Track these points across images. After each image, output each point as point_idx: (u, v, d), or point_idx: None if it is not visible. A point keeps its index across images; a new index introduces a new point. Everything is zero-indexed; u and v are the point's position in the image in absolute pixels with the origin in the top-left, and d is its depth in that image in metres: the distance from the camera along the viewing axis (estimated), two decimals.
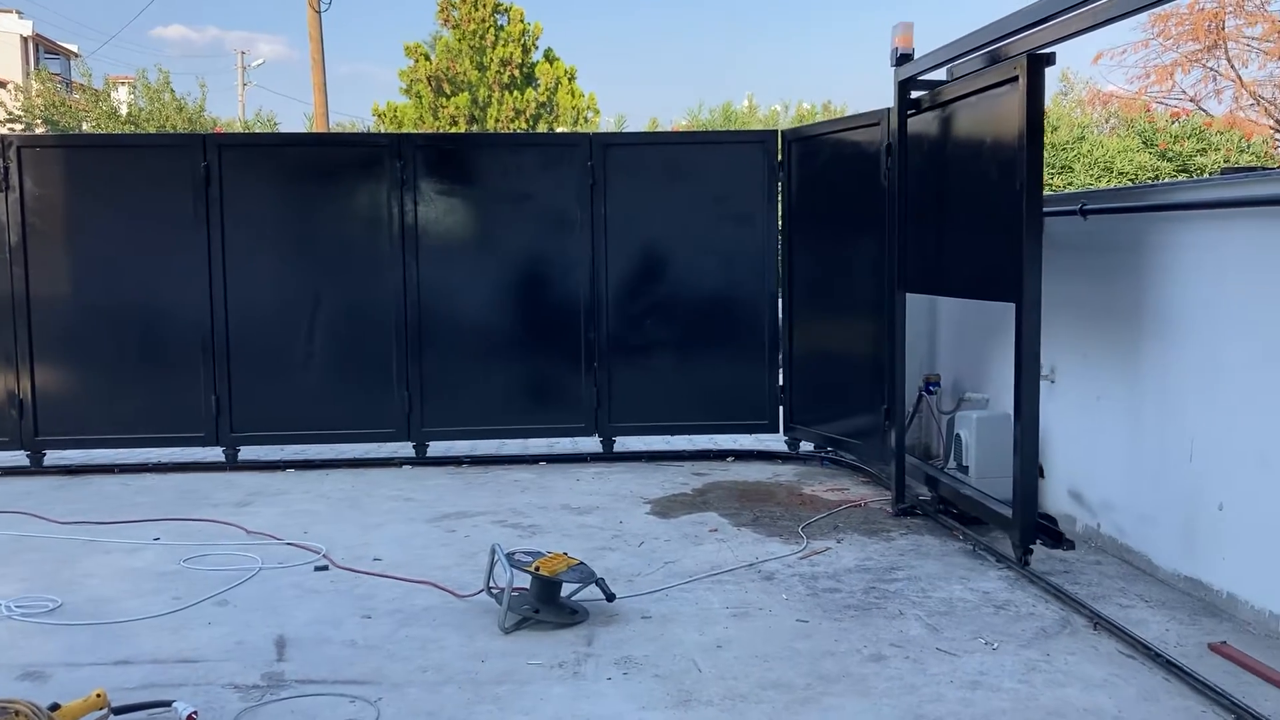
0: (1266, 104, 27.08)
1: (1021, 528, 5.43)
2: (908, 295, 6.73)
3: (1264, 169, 5.77)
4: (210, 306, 8.07)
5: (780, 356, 8.31)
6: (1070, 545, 5.69)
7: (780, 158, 8.18)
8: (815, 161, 7.92)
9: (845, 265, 7.62)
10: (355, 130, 34.33)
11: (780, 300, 8.27)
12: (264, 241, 8.19)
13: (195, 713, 3.75)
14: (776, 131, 8.26)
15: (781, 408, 8.36)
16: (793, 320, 8.23)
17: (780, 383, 8.36)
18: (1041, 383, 6.34)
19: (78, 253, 8.09)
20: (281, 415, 8.23)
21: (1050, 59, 5.16)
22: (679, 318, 8.33)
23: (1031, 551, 5.45)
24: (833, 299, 7.86)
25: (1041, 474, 6.49)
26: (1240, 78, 27.19)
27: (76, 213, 8.08)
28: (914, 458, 7.13)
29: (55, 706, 3.62)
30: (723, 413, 8.38)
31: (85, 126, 33.91)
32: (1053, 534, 5.66)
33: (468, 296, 8.30)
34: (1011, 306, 5.40)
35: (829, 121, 7.91)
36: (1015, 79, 5.22)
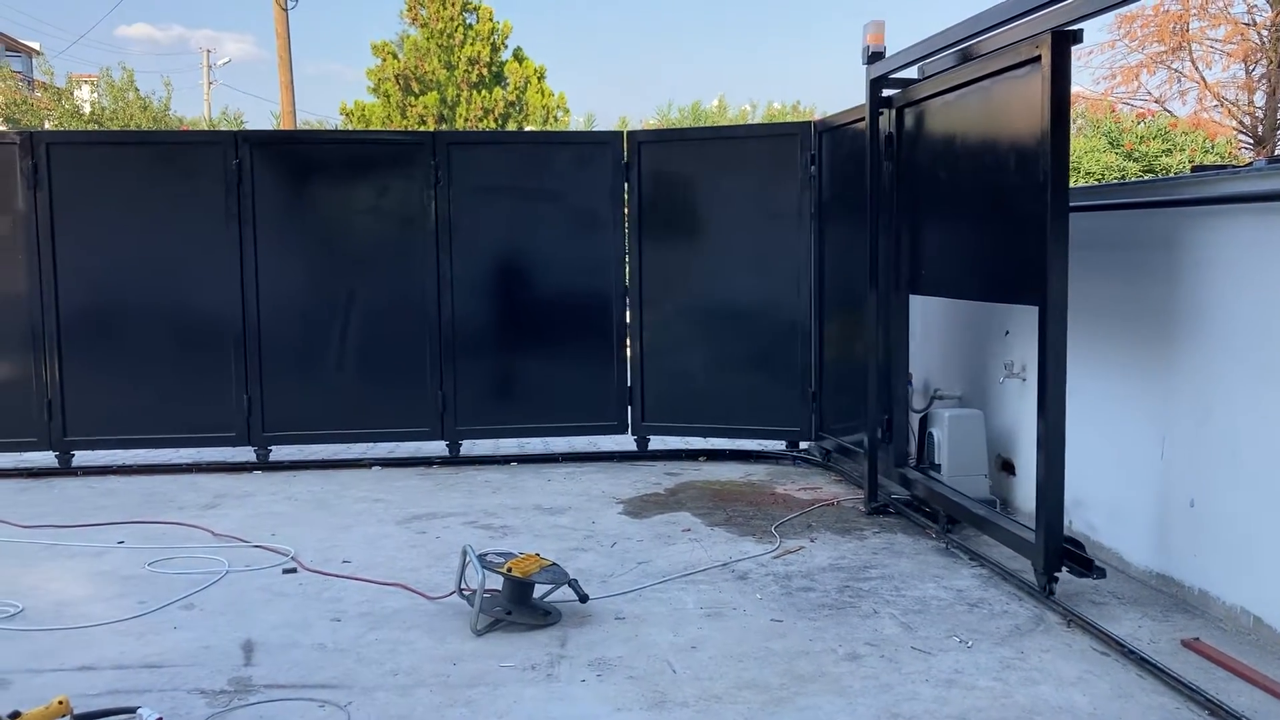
0: (1230, 105, 27.42)
1: (1046, 553, 4.88)
2: (879, 294, 6.72)
3: (1233, 167, 5.75)
4: (242, 305, 7.98)
5: (813, 360, 7.95)
6: (1101, 573, 4.86)
7: (813, 151, 7.81)
8: (841, 154, 7.56)
9: (859, 264, 7.17)
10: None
11: (813, 301, 7.92)
12: (296, 239, 8.13)
13: (161, 719, 3.67)
14: (810, 123, 7.96)
15: (814, 415, 8.00)
16: (822, 321, 7.86)
17: (813, 388, 7.96)
18: (1013, 381, 6.37)
19: (108, 251, 7.96)
20: (313, 414, 8.15)
21: (1077, 36, 4.64)
22: (714, 318, 8.18)
23: (1057, 580, 4.91)
24: (851, 299, 7.43)
25: (1013, 471, 6.52)
26: (1204, 79, 27.50)
27: (107, 210, 7.94)
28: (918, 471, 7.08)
29: (16, 714, 3.54)
30: (756, 417, 8.14)
31: (48, 125, 33.44)
32: (1081, 560, 4.91)
33: (501, 294, 8.28)
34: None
35: (854, 109, 7.14)
36: (1037, 59, 4.74)
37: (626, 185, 8.24)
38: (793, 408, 8.03)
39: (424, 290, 8.11)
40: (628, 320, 8.34)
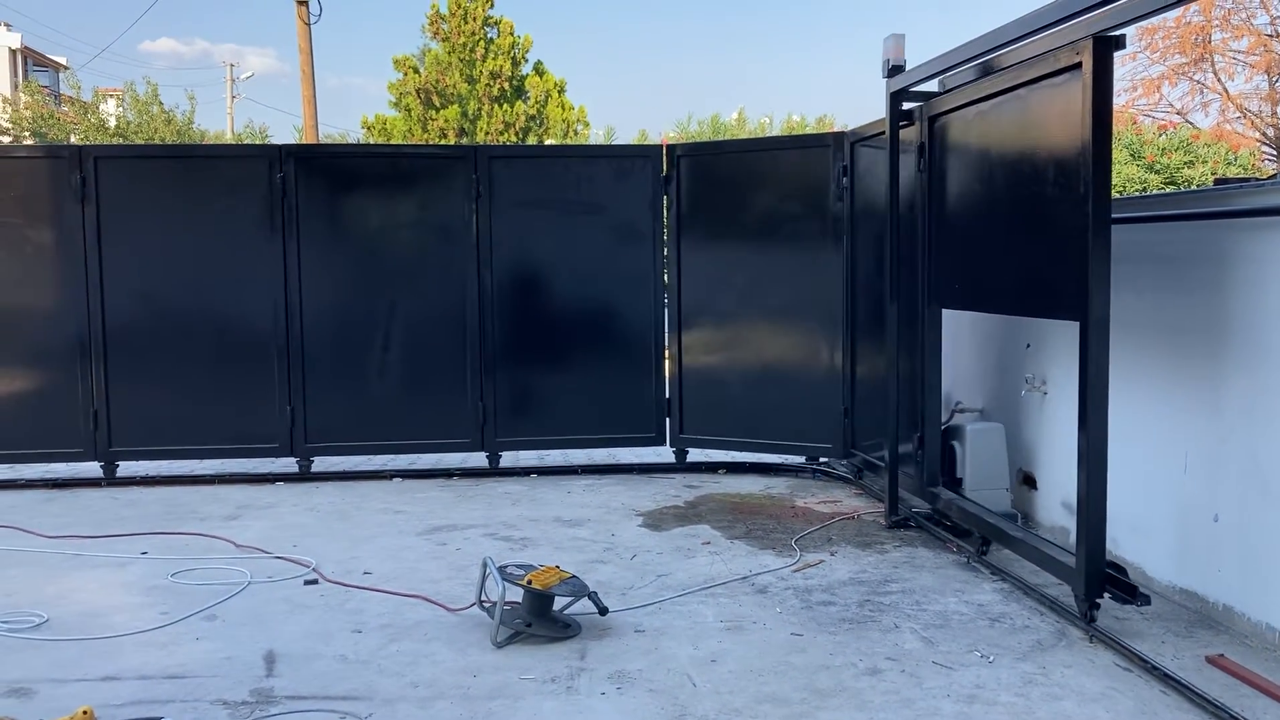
0: (1253, 117, 27.27)
1: (1087, 578, 4.67)
2: (899, 308, 6.69)
3: (1256, 180, 5.70)
4: (285, 317, 8.07)
5: (844, 375, 7.75)
6: (1146, 600, 4.61)
7: (845, 162, 7.63)
8: (872, 165, 7.31)
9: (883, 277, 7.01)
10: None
11: (845, 315, 7.71)
12: (339, 252, 8.21)
13: None
14: (842, 134, 7.82)
15: (846, 431, 7.79)
16: (854, 336, 7.66)
17: (845, 404, 7.76)
18: (1034, 395, 6.35)
19: (154, 263, 8.06)
20: (355, 425, 8.22)
21: (1120, 41, 4.48)
22: (751, 331, 8.15)
23: (1098, 606, 4.71)
24: (881, 313, 7.11)
25: (1034, 485, 6.49)
26: (1227, 90, 27.38)
27: (152, 223, 8.05)
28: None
29: None
30: (790, 432, 8.01)
31: (73, 138, 33.82)
32: (1124, 586, 4.66)
33: (541, 306, 8.34)
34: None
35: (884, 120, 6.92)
36: (1077, 66, 4.55)
37: (666, 198, 8.29)
38: (826, 423, 7.89)
39: (465, 302, 8.19)
40: (666, 333, 8.38)
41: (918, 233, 6.46)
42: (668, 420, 8.42)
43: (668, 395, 8.41)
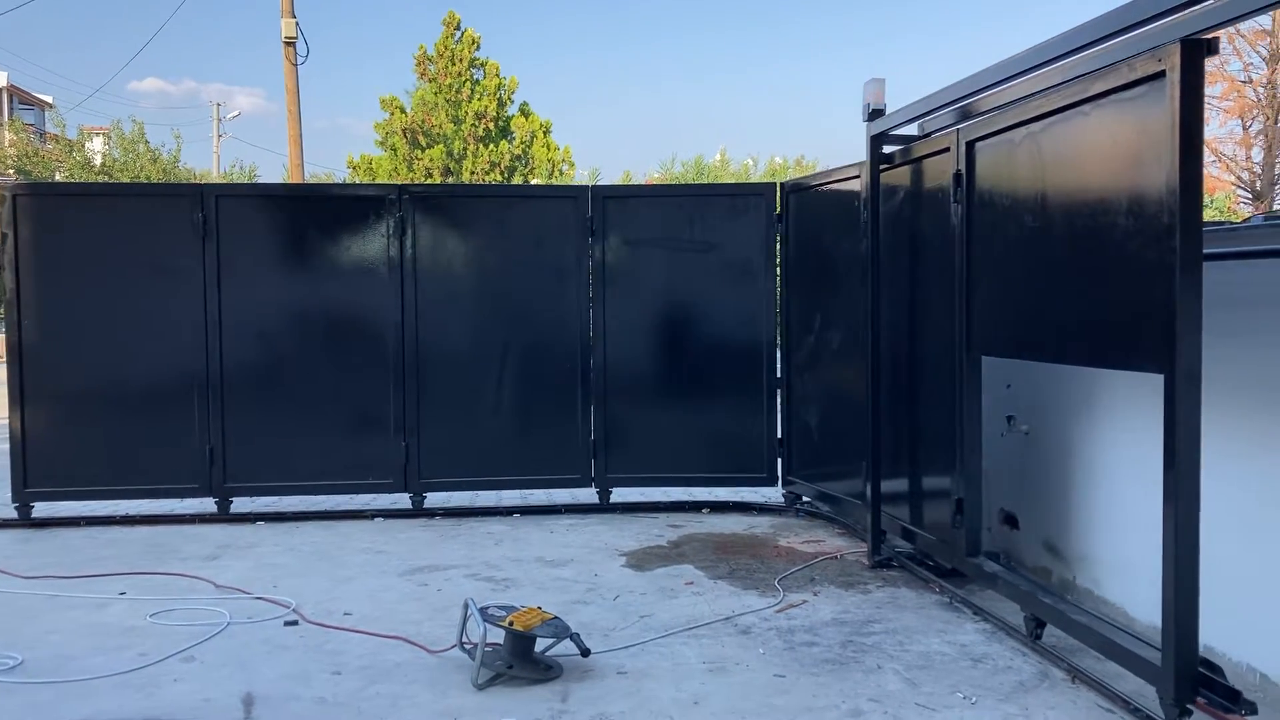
0: (1227, 160, 27.64)
1: (1177, 680, 3.98)
2: (875, 350, 6.71)
3: (1231, 223, 5.75)
4: (402, 353, 8.13)
5: (872, 428, 7.03)
6: (1252, 709, 3.90)
7: (865, 195, 6.94)
8: (895, 202, 6.86)
9: (917, 319, 6.60)
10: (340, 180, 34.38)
11: (871, 362, 6.99)
12: (454, 289, 8.27)
13: None
14: (861, 164, 7.17)
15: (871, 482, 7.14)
16: (881, 384, 6.90)
17: (866, 460, 7.18)
18: (1017, 435, 6.38)
19: (271, 300, 8.13)
20: (466, 460, 8.26)
21: (1213, 46, 3.86)
22: (829, 374, 7.95)
23: (1190, 713, 4.02)
24: (908, 358, 6.73)
25: (1016, 525, 6.50)
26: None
27: (271, 261, 8.15)
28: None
29: None
30: (855, 482, 7.54)
31: (58, 176, 33.83)
32: (1222, 690, 3.97)
33: (653, 343, 8.42)
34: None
35: (908, 147, 6.56)
36: (1160, 75, 3.97)
37: (779, 236, 8.34)
38: (860, 472, 7.31)
39: (576, 339, 8.27)
40: (778, 371, 8.41)
41: (954, 272, 5.78)
42: (779, 461, 8.42)
43: (779, 435, 8.41)
